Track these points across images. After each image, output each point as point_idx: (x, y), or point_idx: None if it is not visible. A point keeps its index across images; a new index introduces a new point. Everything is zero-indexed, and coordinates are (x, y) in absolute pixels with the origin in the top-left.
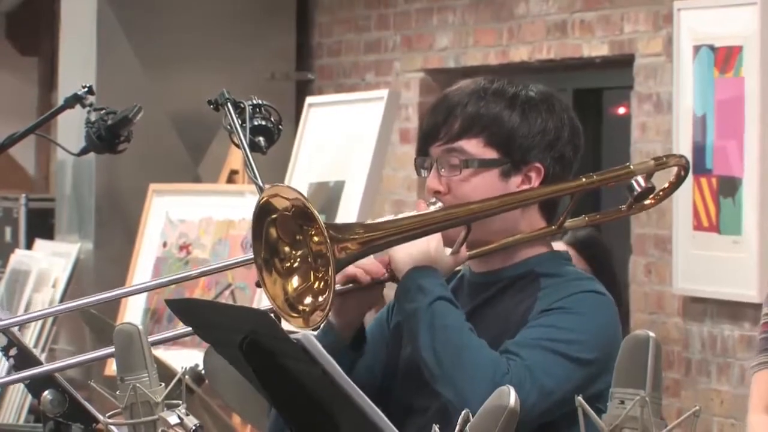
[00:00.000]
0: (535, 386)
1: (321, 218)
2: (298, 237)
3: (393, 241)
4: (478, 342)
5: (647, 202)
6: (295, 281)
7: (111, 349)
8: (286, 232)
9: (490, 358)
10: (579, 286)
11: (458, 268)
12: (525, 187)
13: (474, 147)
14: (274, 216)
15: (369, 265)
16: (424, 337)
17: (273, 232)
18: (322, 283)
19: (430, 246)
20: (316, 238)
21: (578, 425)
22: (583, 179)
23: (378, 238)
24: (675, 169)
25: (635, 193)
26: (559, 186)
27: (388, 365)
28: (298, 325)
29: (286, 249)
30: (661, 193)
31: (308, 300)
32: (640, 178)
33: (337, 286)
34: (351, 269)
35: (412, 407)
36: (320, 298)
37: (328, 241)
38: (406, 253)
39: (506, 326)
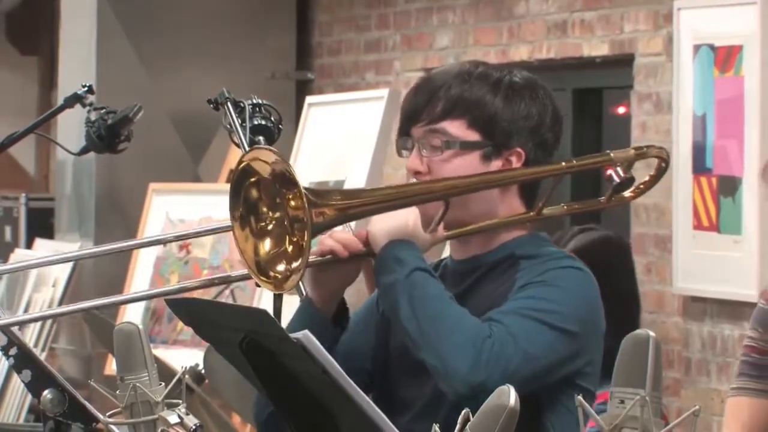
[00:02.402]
0: (518, 351)
1: (301, 181)
2: (277, 200)
3: (371, 210)
4: (459, 309)
5: (627, 194)
6: (267, 244)
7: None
8: (266, 193)
9: (471, 323)
10: (558, 263)
11: (441, 257)
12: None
13: (456, 128)
14: (254, 179)
15: (347, 239)
16: (405, 308)
17: (254, 192)
18: (296, 249)
19: (408, 221)
20: (293, 203)
21: (561, 402)
22: (563, 163)
23: (356, 205)
24: (655, 161)
25: (614, 183)
26: (540, 168)
27: (378, 351)
28: (269, 289)
29: (264, 209)
30: (641, 185)
31: (281, 267)
32: (619, 169)
33: (313, 258)
34: (328, 242)
35: (405, 396)
36: (294, 264)
37: (306, 204)
38: (383, 227)
39: (490, 308)
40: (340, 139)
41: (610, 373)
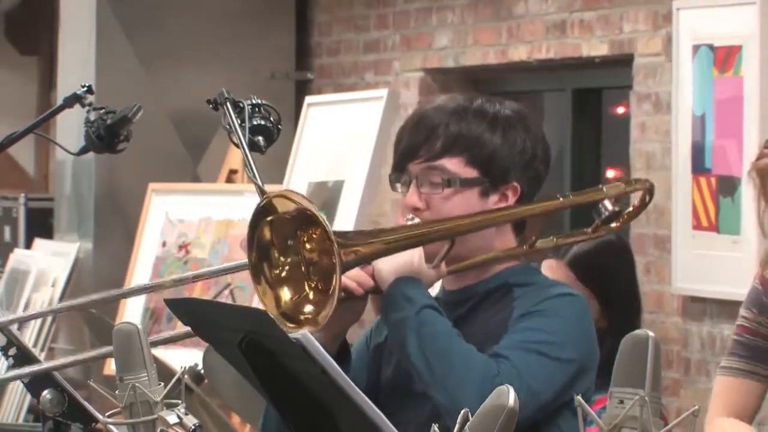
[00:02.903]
0: (523, 387)
1: (328, 224)
2: (289, 242)
3: (389, 250)
4: (467, 347)
5: (613, 224)
6: (287, 293)
7: (109, 348)
8: (279, 235)
9: (480, 361)
10: (551, 291)
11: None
12: (502, 204)
13: (455, 166)
14: (271, 218)
15: (359, 276)
16: (413, 345)
17: (267, 233)
18: (318, 292)
19: (413, 258)
20: (308, 245)
21: (557, 425)
22: (561, 198)
23: (379, 247)
24: (640, 194)
25: (603, 216)
26: (541, 205)
27: (369, 387)
28: (309, 329)
29: (276, 255)
30: (625, 216)
31: (308, 308)
32: (607, 203)
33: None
34: (344, 281)
35: (398, 420)
36: (321, 307)
37: (335, 246)
38: (390, 266)
39: (485, 338)
40: (339, 139)
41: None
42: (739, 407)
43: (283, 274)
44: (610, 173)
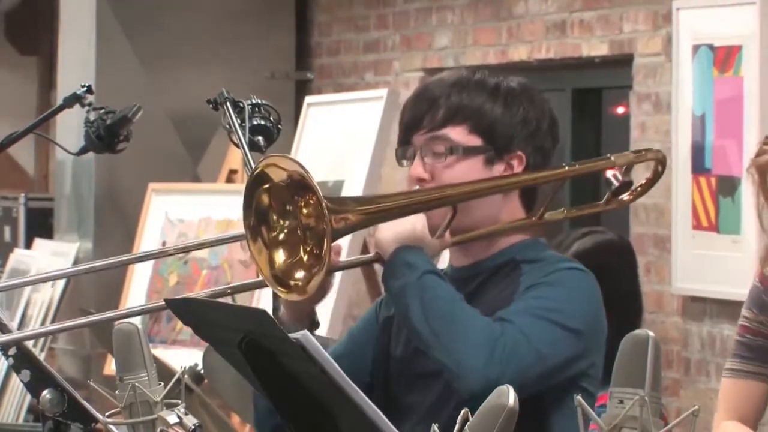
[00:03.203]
0: (530, 349)
1: (319, 189)
2: (288, 207)
3: (386, 216)
4: (470, 310)
5: (625, 197)
6: (282, 254)
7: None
8: (277, 200)
9: (483, 322)
10: (560, 265)
11: (439, 265)
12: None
13: (458, 134)
14: (267, 185)
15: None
16: (416, 310)
17: (265, 199)
18: (313, 257)
19: (415, 227)
20: (305, 210)
21: (566, 404)
22: (566, 167)
23: (372, 212)
24: (652, 165)
25: (613, 187)
26: (545, 173)
27: (378, 361)
28: (293, 298)
29: (274, 218)
30: (639, 188)
31: (300, 274)
32: (618, 173)
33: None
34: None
35: (406, 404)
36: (314, 271)
37: (326, 211)
38: (391, 233)
39: (494, 312)
40: (339, 139)
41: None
42: (745, 409)
43: (281, 236)
44: (610, 173)
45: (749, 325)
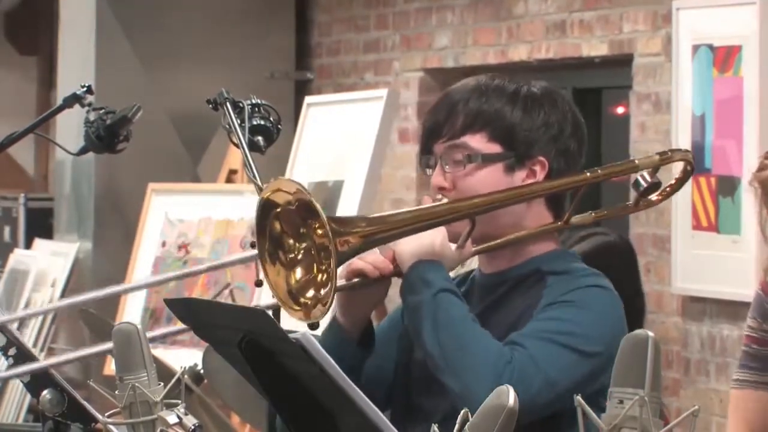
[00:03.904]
0: (539, 376)
1: (323, 211)
2: (302, 230)
3: (395, 235)
4: (481, 332)
5: (654, 198)
6: (298, 273)
7: (108, 346)
8: (290, 225)
9: (493, 348)
10: (584, 281)
11: (469, 269)
12: (530, 181)
13: (477, 142)
14: (277, 210)
15: (376, 260)
16: (428, 329)
17: (277, 225)
18: (325, 276)
19: (435, 240)
20: (319, 231)
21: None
22: (588, 173)
23: (380, 231)
24: (681, 165)
25: (641, 188)
26: (564, 180)
27: (400, 364)
28: (299, 317)
29: (291, 242)
30: (668, 188)
31: (311, 293)
32: (645, 174)
33: (342, 281)
34: (358, 264)
35: (422, 409)
36: (322, 292)
37: (330, 234)
38: (410, 247)
39: (515, 324)
40: (339, 139)
41: None
42: (757, 421)
43: (298, 257)
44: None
45: (755, 335)
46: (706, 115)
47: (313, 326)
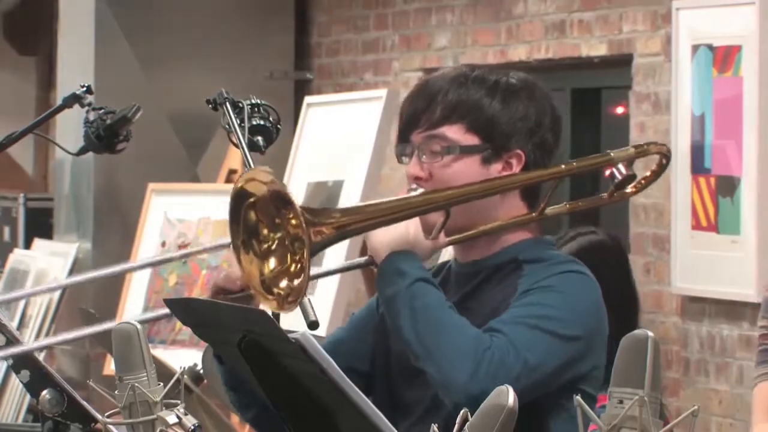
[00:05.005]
0: (518, 361)
1: (297, 202)
2: (276, 220)
3: (370, 226)
4: (459, 319)
5: (628, 190)
6: (271, 263)
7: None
8: (264, 215)
9: (471, 334)
10: (560, 268)
11: (445, 259)
12: (505, 173)
13: (455, 133)
14: (252, 200)
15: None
16: (405, 319)
17: (252, 215)
18: (298, 267)
19: (408, 231)
20: (293, 222)
21: (564, 408)
22: (563, 166)
23: (354, 222)
24: (657, 158)
25: (616, 180)
26: (539, 172)
27: (378, 353)
28: (273, 307)
29: (265, 231)
30: (643, 181)
31: (284, 283)
32: (621, 166)
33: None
34: (218, 281)
35: (408, 399)
36: (295, 282)
37: (304, 224)
38: (384, 238)
39: (492, 313)
40: (338, 139)
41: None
42: None
43: (272, 247)
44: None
45: None
46: (705, 115)
47: (313, 326)
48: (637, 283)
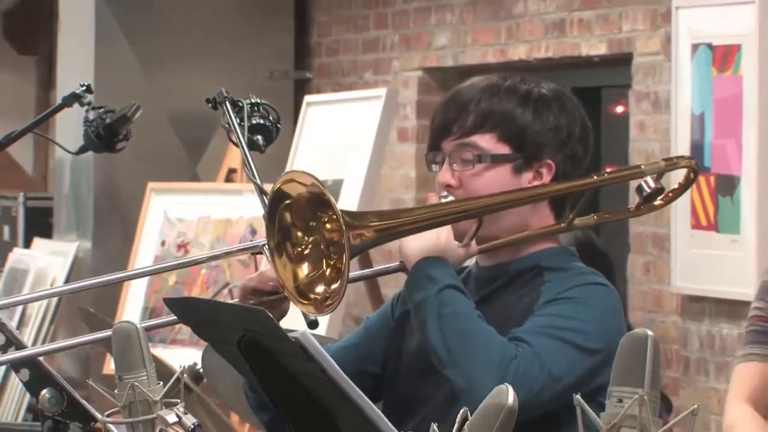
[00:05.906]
0: (543, 371)
1: (336, 205)
2: (311, 223)
3: (409, 231)
4: (486, 328)
5: (656, 202)
6: (305, 268)
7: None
8: (300, 217)
9: (498, 343)
10: (583, 279)
11: (466, 263)
12: (536, 182)
13: (487, 142)
14: (288, 201)
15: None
16: (433, 325)
17: (287, 216)
18: (335, 272)
19: (440, 238)
20: (329, 225)
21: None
22: (595, 177)
23: (393, 226)
24: (684, 171)
25: (644, 193)
26: (572, 183)
27: (390, 355)
28: (310, 311)
29: (299, 234)
30: (670, 194)
31: (320, 288)
32: (649, 179)
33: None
34: (251, 282)
35: (418, 397)
36: (333, 286)
37: (344, 227)
38: (416, 245)
39: (508, 318)
40: (338, 138)
41: None
42: (758, 391)
43: (306, 251)
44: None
45: (762, 314)
46: (705, 114)
47: (313, 325)
48: (637, 283)
